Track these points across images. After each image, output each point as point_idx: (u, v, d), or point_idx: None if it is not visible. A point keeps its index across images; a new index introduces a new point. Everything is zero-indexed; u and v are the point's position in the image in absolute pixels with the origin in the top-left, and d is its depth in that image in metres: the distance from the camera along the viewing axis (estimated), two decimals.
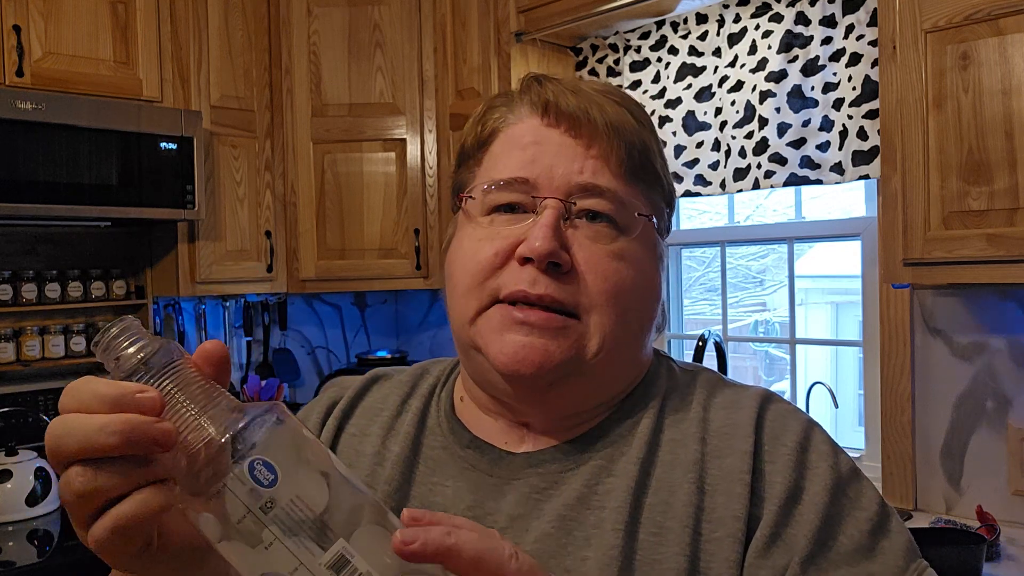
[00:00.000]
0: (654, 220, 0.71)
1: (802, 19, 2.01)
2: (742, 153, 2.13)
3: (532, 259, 0.65)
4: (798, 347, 2.31)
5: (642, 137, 0.70)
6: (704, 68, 2.22)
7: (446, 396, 0.79)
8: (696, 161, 2.24)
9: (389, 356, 2.95)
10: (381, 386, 0.84)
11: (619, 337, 0.68)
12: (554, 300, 0.65)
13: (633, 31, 2.37)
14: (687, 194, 2.28)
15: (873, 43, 1.87)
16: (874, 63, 1.87)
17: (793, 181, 2.04)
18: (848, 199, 2.21)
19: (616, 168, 0.68)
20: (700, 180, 2.24)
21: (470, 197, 0.71)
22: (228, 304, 2.79)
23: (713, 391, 0.73)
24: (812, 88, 2.00)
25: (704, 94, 2.22)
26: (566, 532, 0.66)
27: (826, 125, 1.98)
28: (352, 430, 0.80)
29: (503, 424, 0.73)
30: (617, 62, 2.41)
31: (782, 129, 2.04)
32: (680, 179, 2.27)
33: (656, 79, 2.32)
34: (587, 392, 0.70)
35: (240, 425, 0.45)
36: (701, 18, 2.23)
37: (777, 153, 2.05)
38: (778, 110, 2.04)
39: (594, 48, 2.47)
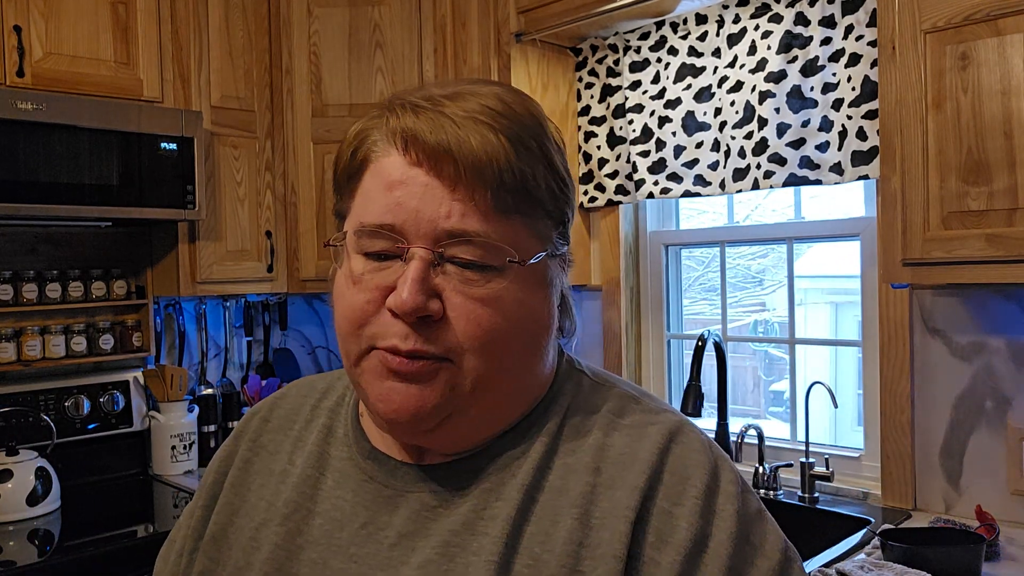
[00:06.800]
0: (538, 256, 0.68)
1: (801, 19, 2.01)
2: (741, 153, 2.13)
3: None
4: (797, 347, 2.32)
5: (515, 166, 0.65)
6: (704, 68, 2.22)
7: (353, 403, 0.79)
8: (696, 161, 2.25)
9: None
10: (299, 391, 0.85)
11: (496, 376, 0.67)
12: (426, 353, 0.64)
13: (633, 31, 2.37)
14: (687, 194, 2.28)
15: (872, 43, 1.88)
16: (873, 63, 1.88)
17: (792, 181, 2.05)
18: (847, 199, 2.21)
19: (484, 208, 0.64)
20: (699, 180, 2.24)
21: (338, 244, 0.71)
22: (228, 304, 2.79)
23: (620, 413, 0.70)
24: (811, 88, 2.00)
25: (704, 94, 2.22)
26: (448, 559, 0.65)
27: (825, 125, 1.99)
28: (270, 447, 0.80)
29: (397, 442, 0.73)
30: (617, 62, 2.41)
31: (781, 129, 2.04)
32: (680, 179, 2.28)
33: (656, 79, 2.32)
34: (472, 427, 0.69)
35: None
36: (701, 19, 2.23)
37: (776, 153, 2.05)
38: (777, 110, 2.05)
39: (594, 48, 2.47)
